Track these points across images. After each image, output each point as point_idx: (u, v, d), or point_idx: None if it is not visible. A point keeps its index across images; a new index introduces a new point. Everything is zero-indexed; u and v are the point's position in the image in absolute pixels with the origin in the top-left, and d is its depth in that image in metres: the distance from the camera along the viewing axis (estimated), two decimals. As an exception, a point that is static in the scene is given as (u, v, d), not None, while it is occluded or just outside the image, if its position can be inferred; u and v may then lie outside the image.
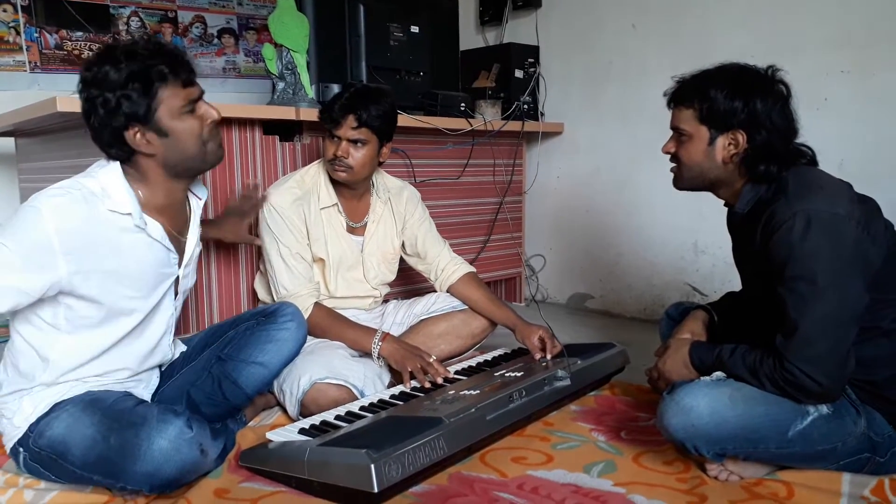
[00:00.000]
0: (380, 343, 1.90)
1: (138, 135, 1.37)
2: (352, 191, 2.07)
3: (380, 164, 2.07)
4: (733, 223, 1.62)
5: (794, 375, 1.33)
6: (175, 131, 1.39)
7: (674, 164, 1.58)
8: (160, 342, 1.56)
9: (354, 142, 1.94)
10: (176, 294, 1.56)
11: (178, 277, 1.54)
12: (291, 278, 1.96)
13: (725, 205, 1.61)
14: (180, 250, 1.53)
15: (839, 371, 1.34)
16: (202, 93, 1.45)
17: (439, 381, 1.82)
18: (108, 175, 1.40)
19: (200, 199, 1.61)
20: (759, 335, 1.44)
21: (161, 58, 1.36)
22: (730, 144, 1.46)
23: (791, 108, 1.45)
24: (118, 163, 1.42)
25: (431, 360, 1.87)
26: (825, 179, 1.43)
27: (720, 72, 1.47)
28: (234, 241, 2.03)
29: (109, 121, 1.35)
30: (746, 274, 1.65)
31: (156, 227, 1.45)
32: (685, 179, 1.57)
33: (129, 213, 1.39)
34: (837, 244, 1.32)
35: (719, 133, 1.46)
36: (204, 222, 1.87)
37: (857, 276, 1.33)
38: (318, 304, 1.96)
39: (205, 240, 1.90)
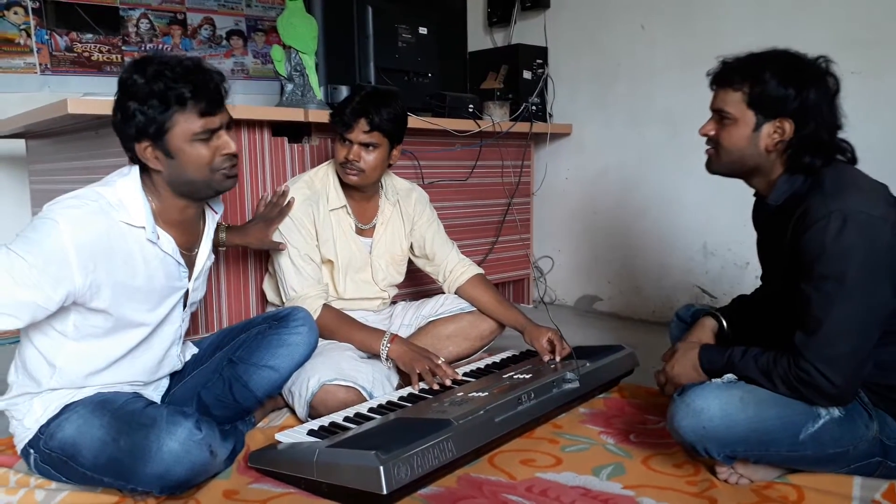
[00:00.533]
0: (388, 345, 1.90)
1: (148, 149, 1.39)
2: (361, 193, 2.07)
3: (389, 166, 2.07)
4: (761, 215, 1.59)
5: (809, 375, 1.32)
6: (182, 155, 1.39)
7: (709, 147, 1.53)
8: (168, 353, 1.57)
9: (366, 145, 1.94)
10: (185, 306, 1.56)
11: (188, 290, 1.55)
12: (300, 280, 1.96)
13: (755, 195, 1.57)
14: (190, 264, 1.54)
15: (855, 374, 1.33)
16: (227, 122, 1.44)
17: (447, 382, 1.82)
18: (126, 185, 1.41)
19: (216, 214, 1.62)
20: (772, 338, 1.43)
21: (188, 83, 1.35)
22: (775, 132, 1.42)
23: (838, 102, 1.42)
24: (138, 171, 1.43)
25: (440, 361, 1.87)
26: (862, 179, 1.41)
27: (773, 56, 1.43)
28: (258, 247, 2.01)
29: (124, 128, 1.37)
30: (770, 268, 1.62)
31: (168, 241, 1.45)
32: (722, 164, 1.51)
33: (143, 227, 1.40)
34: (871, 246, 1.30)
35: (766, 119, 1.42)
36: (229, 229, 1.87)
37: (886, 280, 1.32)
38: (326, 306, 1.97)
39: (229, 247, 1.89)
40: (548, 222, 3.38)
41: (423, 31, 2.77)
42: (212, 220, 1.60)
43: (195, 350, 1.73)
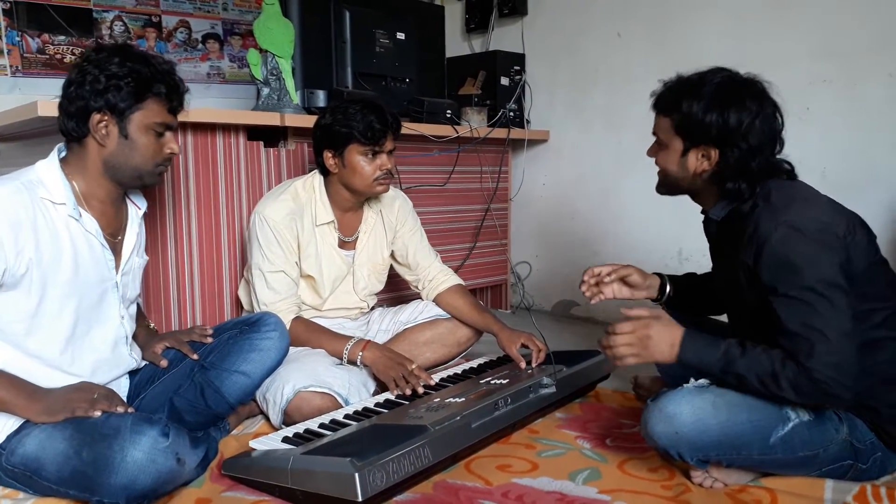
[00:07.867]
0: (362, 352, 1.89)
1: (103, 122, 1.42)
2: (351, 206, 2.06)
3: None
4: (710, 227, 1.63)
5: (827, 384, 1.28)
6: (135, 139, 1.46)
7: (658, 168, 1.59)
8: (116, 353, 1.54)
9: (390, 152, 1.99)
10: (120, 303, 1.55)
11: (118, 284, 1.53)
12: (270, 294, 1.93)
13: (702, 212, 1.62)
14: (117, 252, 1.53)
15: (855, 372, 1.30)
16: (177, 127, 1.54)
17: (420, 390, 1.80)
18: (44, 166, 1.44)
19: (140, 209, 1.62)
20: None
21: (167, 81, 1.47)
22: (702, 157, 1.45)
23: (773, 121, 1.42)
24: (56, 154, 1.46)
25: (413, 367, 1.85)
26: (809, 191, 1.44)
27: (700, 81, 1.44)
28: (145, 356, 1.70)
29: (89, 97, 1.40)
30: (721, 276, 1.64)
31: (90, 221, 1.46)
32: (662, 185, 1.60)
33: (64, 203, 1.41)
34: (829, 249, 1.32)
35: (692, 146, 1.45)
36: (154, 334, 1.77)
37: (845, 282, 1.33)
38: (296, 319, 1.94)
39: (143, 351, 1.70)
40: (525, 228, 3.39)
41: (400, 36, 2.77)
42: (135, 214, 1.60)
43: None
